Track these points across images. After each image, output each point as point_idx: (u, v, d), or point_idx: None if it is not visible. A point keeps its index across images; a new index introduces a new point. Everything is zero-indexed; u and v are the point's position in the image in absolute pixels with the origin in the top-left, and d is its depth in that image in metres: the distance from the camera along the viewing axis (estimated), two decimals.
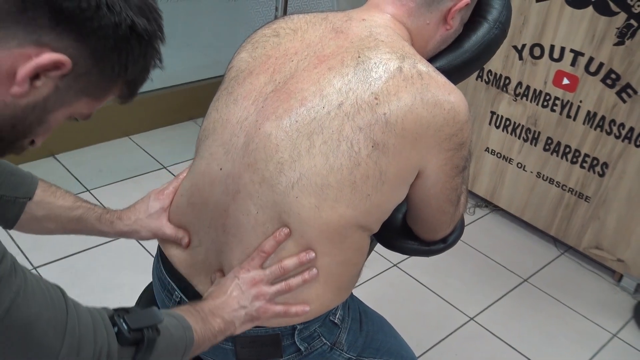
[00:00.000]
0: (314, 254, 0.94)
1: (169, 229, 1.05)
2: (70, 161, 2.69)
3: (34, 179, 1.02)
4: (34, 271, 1.49)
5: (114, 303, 0.74)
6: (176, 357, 0.84)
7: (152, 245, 2.17)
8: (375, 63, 0.92)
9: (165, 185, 1.10)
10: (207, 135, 1.02)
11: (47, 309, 0.67)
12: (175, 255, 1.06)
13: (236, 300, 0.94)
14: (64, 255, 2.17)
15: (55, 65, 0.63)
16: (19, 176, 0.99)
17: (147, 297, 1.23)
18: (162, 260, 1.09)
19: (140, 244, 2.24)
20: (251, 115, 0.96)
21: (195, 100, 3.02)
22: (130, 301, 1.29)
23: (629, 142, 2.16)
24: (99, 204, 1.22)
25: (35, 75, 0.63)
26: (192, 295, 1.03)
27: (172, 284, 1.06)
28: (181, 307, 0.92)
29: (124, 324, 0.74)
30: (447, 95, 0.92)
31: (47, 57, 0.62)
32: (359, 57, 0.93)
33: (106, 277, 2.12)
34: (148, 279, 1.28)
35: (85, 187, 2.56)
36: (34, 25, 0.62)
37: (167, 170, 2.79)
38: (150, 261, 1.16)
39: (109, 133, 2.86)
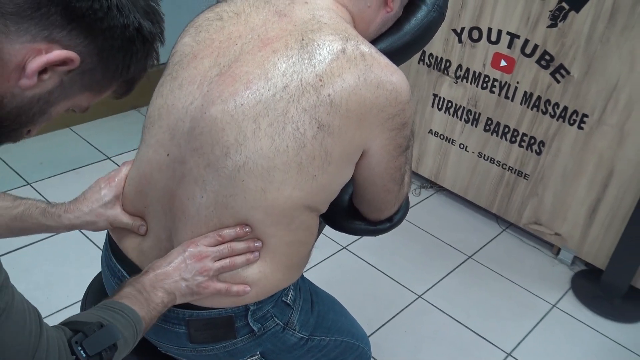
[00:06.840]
0: (261, 243, 0.97)
1: (125, 217, 1.04)
2: (9, 154, 2.60)
3: None
4: None
5: (60, 297, 0.73)
6: (127, 352, 0.85)
7: (97, 236, 2.15)
8: (319, 45, 0.93)
9: (113, 173, 1.08)
10: (152, 122, 1.01)
11: (23, 332, 0.68)
12: (126, 242, 1.05)
13: (178, 272, 0.95)
14: (9, 250, 2.10)
15: (64, 62, 0.66)
16: None
17: (95, 290, 1.22)
18: (111, 249, 1.08)
19: (86, 236, 2.20)
20: (197, 99, 0.96)
21: (138, 88, 2.93)
22: (77, 294, 1.26)
23: (563, 121, 2.26)
24: (40, 197, 1.19)
25: (43, 70, 0.66)
26: None
27: (122, 272, 1.05)
28: (124, 287, 0.92)
29: (82, 352, 0.75)
30: (390, 75, 0.94)
31: (57, 53, 0.65)
32: (303, 39, 0.94)
33: (52, 271, 2.08)
34: (94, 271, 1.26)
35: (26, 181, 2.48)
36: (46, 22, 0.65)
37: (111, 160, 2.74)
38: (95, 253, 1.16)
39: (49, 124, 2.72)
